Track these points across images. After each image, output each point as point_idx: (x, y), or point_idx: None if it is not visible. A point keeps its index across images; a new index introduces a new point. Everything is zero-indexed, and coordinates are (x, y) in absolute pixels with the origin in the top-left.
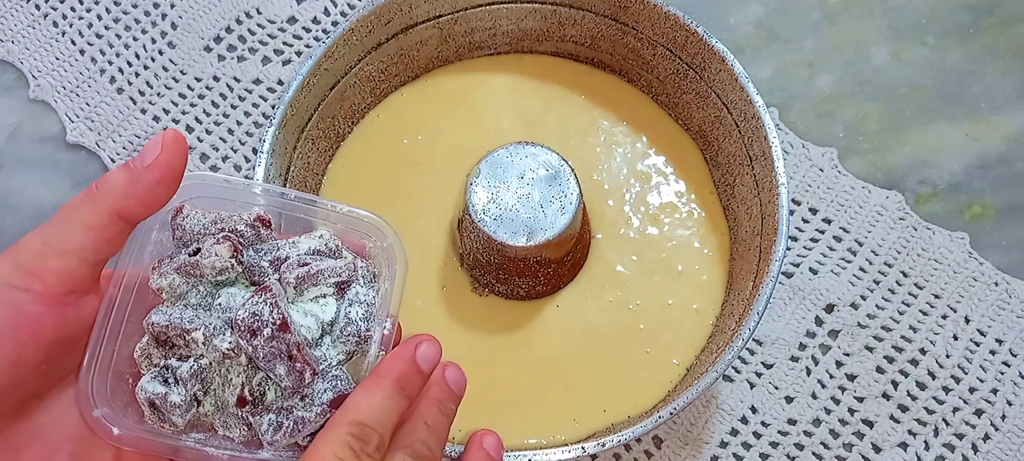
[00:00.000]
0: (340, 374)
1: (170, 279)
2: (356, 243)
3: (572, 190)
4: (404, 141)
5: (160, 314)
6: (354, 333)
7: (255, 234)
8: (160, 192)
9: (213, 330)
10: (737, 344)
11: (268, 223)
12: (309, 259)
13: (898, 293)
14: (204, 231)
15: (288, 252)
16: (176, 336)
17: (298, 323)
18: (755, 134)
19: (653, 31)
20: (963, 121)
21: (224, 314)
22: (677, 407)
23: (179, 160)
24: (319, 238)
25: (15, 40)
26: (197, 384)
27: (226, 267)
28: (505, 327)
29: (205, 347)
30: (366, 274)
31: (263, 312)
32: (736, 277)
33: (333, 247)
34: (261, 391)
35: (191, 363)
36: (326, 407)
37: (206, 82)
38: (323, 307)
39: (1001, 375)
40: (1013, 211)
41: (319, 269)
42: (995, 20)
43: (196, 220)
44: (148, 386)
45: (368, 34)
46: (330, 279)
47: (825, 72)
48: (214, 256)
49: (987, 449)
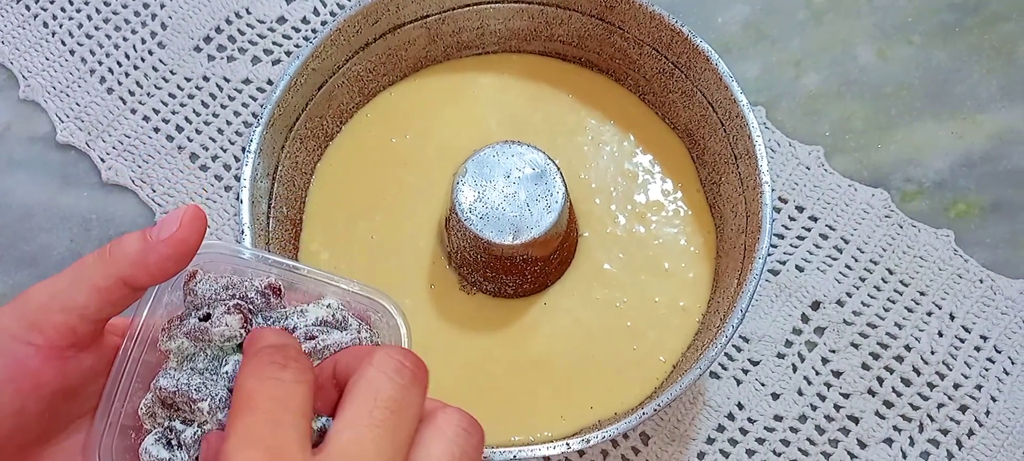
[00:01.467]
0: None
1: (179, 342)
2: (362, 312)
3: (558, 189)
4: (392, 140)
5: (168, 378)
6: None
7: (265, 302)
8: (169, 267)
9: (219, 402)
10: (721, 341)
11: (279, 292)
12: (316, 331)
13: (884, 290)
14: (215, 297)
15: (296, 322)
16: (182, 403)
17: None
18: (740, 133)
19: (639, 31)
20: (948, 119)
21: (230, 382)
22: (662, 403)
23: (195, 239)
24: (326, 308)
25: (5, 40)
26: (199, 450)
27: (235, 336)
28: (493, 325)
29: (209, 416)
30: (370, 345)
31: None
32: (722, 275)
33: (340, 318)
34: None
35: (195, 429)
36: None
37: (196, 82)
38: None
39: (986, 371)
40: (997, 209)
41: (326, 344)
42: (979, 19)
43: (209, 285)
44: (152, 448)
45: (356, 34)
46: (336, 353)
47: (811, 71)
48: (224, 325)
49: (971, 445)
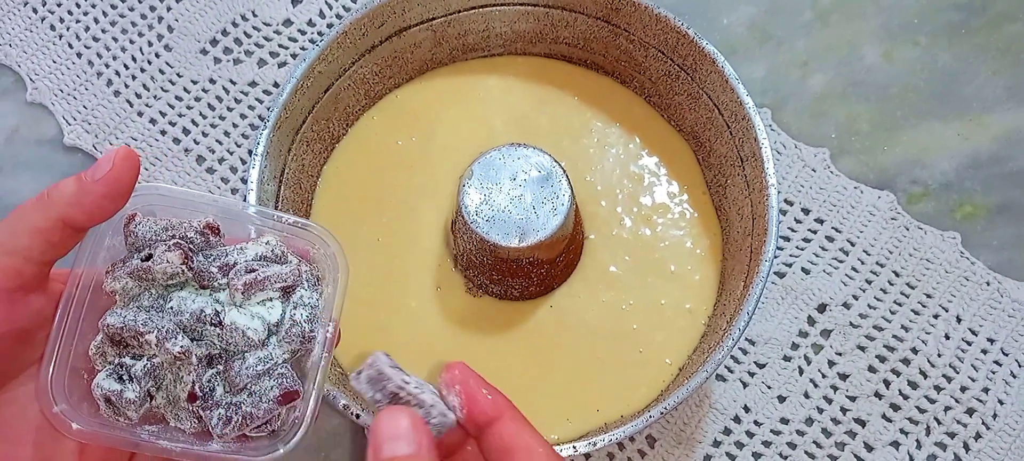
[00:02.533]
0: (286, 372)
1: (123, 283)
2: (301, 248)
3: (564, 191)
4: (398, 143)
5: (115, 316)
6: (298, 334)
7: (204, 240)
8: (106, 205)
9: (165, 333)
10: (727, 343)
11: (217, 230)
12: (256, 265)
13: (890, 293)
14: (156, 238)
15: (236, 258)
16: (130, 337)
17: (245, 325)
18: (746, 135)
19: (645, 33)
20: (954, 121)
21: (175, 317)
22: (668, 406)
23: (129, 177)
24: (266, 244)
25: (13, 44)
26: (150, 381)
27: (177, 273)
28: (499, 327)
29: (157, 349)
30: (310, 278)
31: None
32: (728, 277)
33: (279, 253)
34: (211, 387)
35: (144, 362)
36: (273, 403)
37: (202, 84)
38: (269, 310)
39: (992, 374)
40: (1004, 210)
41: (266, 275)
42: (986, 20)
43: (148, 227)
44: (104, 383)
45: (362, 37)
46: (276, 284)
47: (817, 73)
48: (165, 262)
49: (979, 448)
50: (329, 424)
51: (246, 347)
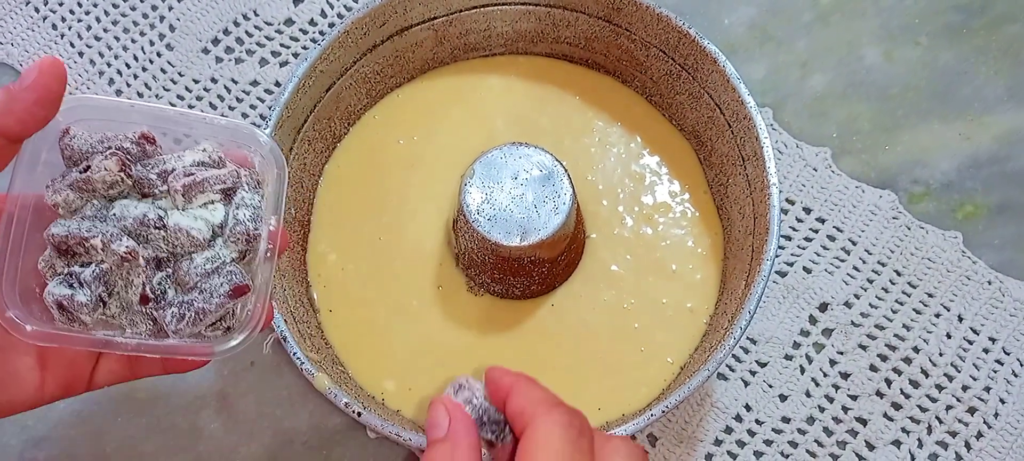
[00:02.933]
0: (234, 270)
1: (65, 195)
2: (238, 155)
3: (565, 190)
4: (400, 142)
5: (59, 226)
6: (243, 233)
7: (141, 150)
8: (38, 111)
9: (110, 236)
10: (729, 343)
11: (152, 140)
12: (194, 169)
13: (891, 292)
14: (92, 150)
15: (174, 164)
16: (76, 245)
17: (189, 226)
18: (747, 135)
19: (646, 33)
20: (955, 121)
21: (119, 222)
22: (669, 405)
23: (56, 84)
24: (202, 151)
25: (14, 43)
26: (101, 286)
27: (116, 181)
28: (500, 326)
29: (104, 253)
30: (250, 181)
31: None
32: (729, 276)
33: (216, 158)
34: (162, 289)
35: (93, 267)
36: (224, 298)
37: (204, 84)
38: (212, 212)
39: (994, 373)
40: (1005, 210)
41: (205, 177)
42: (986, 20)
43: (83, 140)
44: (55, 290)
45: (363, 36)
46: (216, 186)
47: (818, 72)
48: (103, 171)
49: (980, 447)
50: (330, 422)
51: (192, 248)
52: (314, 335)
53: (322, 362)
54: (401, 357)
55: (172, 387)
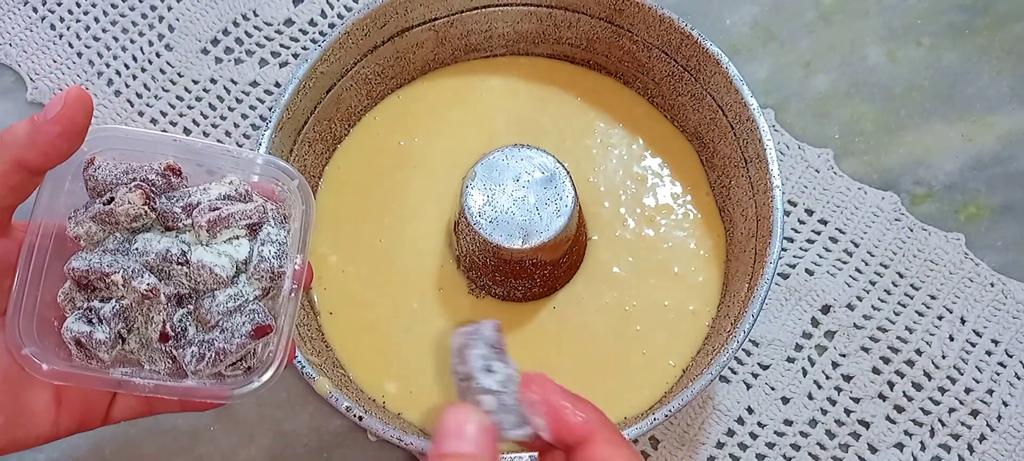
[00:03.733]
0: (257, 308)
1: (87, 227)
2: (265, 188)
3: (567, 192)
4: (400, 143)
5: (80, 260)
6: (267, 270)
7: (166, 182)
8: (61, 144)
9: (132, 273)
10: (732, 346)
11: (178, 172)
12: (220, 204)
13: (894, 294)
14: (116, 181)
15: (199, 198)
16: (96, 280)
17: (212, 262)
18: (750, 137)
19: (648, 34)
20: (958, 121)
21: (141, 258)
22: (672, 409)
23: (82, 116)
24: (229, 184)
25: (13, 43)
26: (120, 323)
27: (140, 214)
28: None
29: (125, 289)
30: (276, 215)
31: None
32: (732, 279)
33: (242, 192)
34: (182, 327)
35: (113, 303)
36: (245, 338)
37: (203, 84)
38: (237, 248)
39: (997, 376)
40: (1008, 211)
41: (230, 212)
42: (989, 20)
43: (108, 170)
44: (73, 326)
45: (364, 37)
46: (242, 221)
47: (820, 73)
48: (127, 204)
49: (983, 450)
50: (331, 425)
51: (215, 285)
52: (315, 338)
53: (323, 365)
54: (402, 360)
55: None
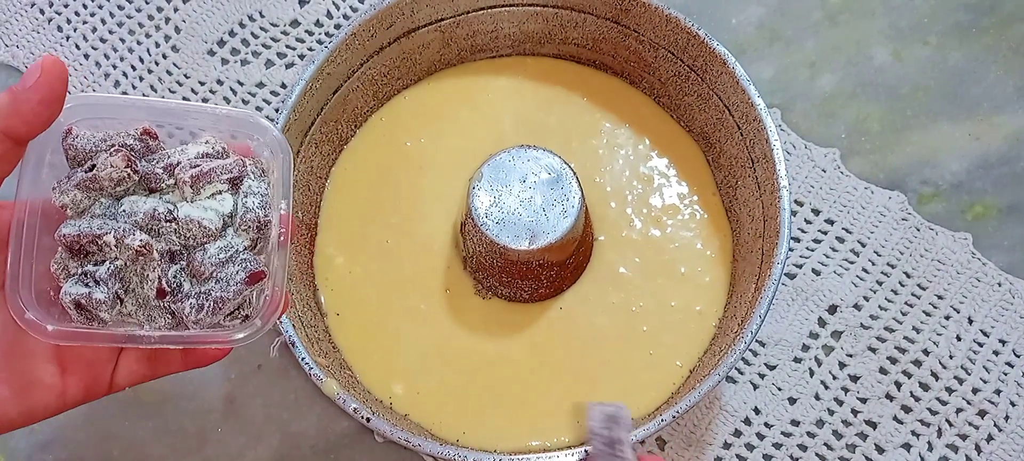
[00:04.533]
0: (248, 257)
1: (72, 195)
2: (241, 146)
3: (574, 193)
4: (407, 144)
5: (70, 226)
6: (254, 220)
7: (144, 146)
8: (42, 111)
9: (123, 232)
10: (739, 346)
11: (154, 135)
12: (200, 161)
13: (901, 294)
14: (95, 148)
15: (179, 158)
16: (88, 243)
17: (200, 216)
18: (757, 137)
19: (654, 34)
20: (965, 121)
21: (130, 218)
22: (680, 410)
23: (59, 84)
24: (206, 143)
25: (20, 44)
26: (117, 282)
27: (123, 177)
28: (508, 330)
29: (118, 249)
30: (255, 170)
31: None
32: (739, 279)
33: (219, 150)
34: (178, 282)
35: (108, 265)
36: (241, 285)
37: (210, 85)
38: (221, 202)
39: (1004, 376)
40: (1015, 211)
41: (211, 167)
42: (996, 19)
43: (86, 139)
44: (72, 290)
45: (370, 38)
46: (223, 176)
47: (827, 72)
48: (110, 168)
49: (990, 450)
50: (338, 426)
51: (205, 239)
52: (322, 339)
53: (330, 366)
54: (409, 360)
55: (180, 390)
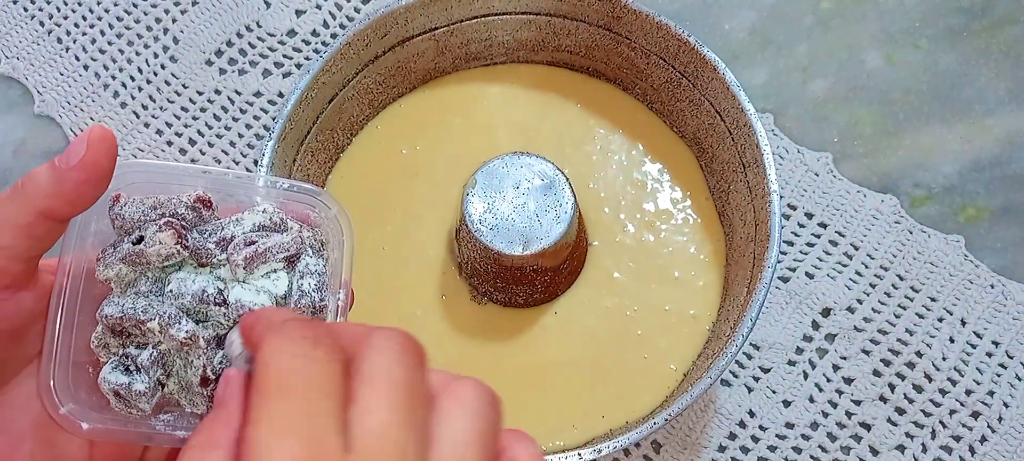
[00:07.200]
0: None
1: (117, 269)
2: (300, 212)
3: (567, 199)
4: (402, 152)
5: (112, 305)
6: (309, 305)
7: (197, 215)
8: (87, 191)
9: (168, 319)
10: (731, 349)
11: (209, 203)
12: (255, 236)
13: (894, 296)
14: (144, 218)
15: (233, 231)
16: (131, 327)
17: (251, 301)
18: (748, 142)
19: (646, 41)
20: (956, 124)
21: (177, 300)
22: (672, 412)
23: (106, 160)
24: (263, 212)
25: (20, 56)
26: (159, 369)
27: (172, 253)
28: (503, 335)
29: (162, 336)
30: (314, 244)
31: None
32: (731, 283)
33: (278, 221)
34: (223, 369)
35: (150, 350)
36: None
37: (208, 95)
38: (275, 282)
39: (997, 377)
40: (1007, 213)
41: (267, 247)
42: (987, 23)
43: (135, 207)
44: (110, 377)
45: (365, 47)
46: (279, 254)
47: (819, 77)
48: (158, 244)
49: (984, 451)
50: None
51: None
52: None
53: None
54: None
55: None
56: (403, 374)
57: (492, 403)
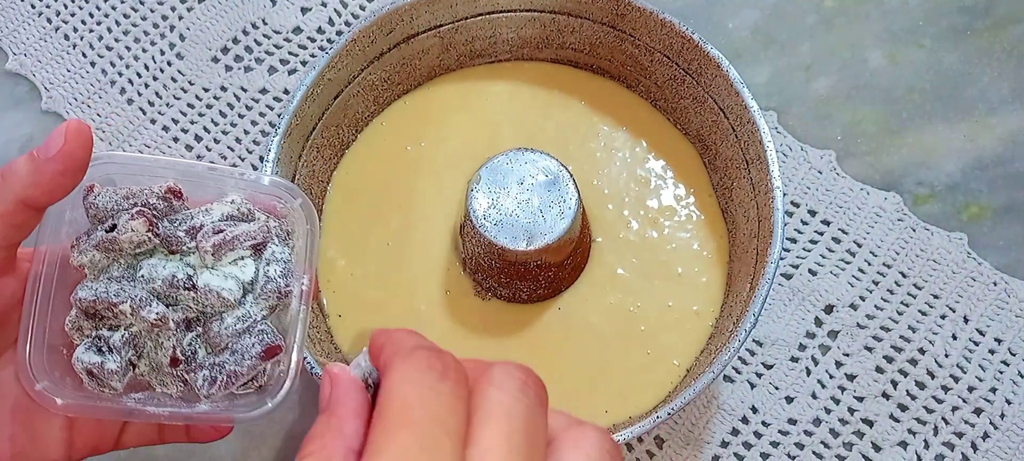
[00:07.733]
0: (266, 328)
1: (90, 256)
2: (267, 203)
3: (571, 195)
4: (407, 148)
5: (86, 289)
6: (274, 290)
7: (168, 205)
8: (64, 181)
9: (139, 301)
10: (734, 345)
11: (179, 194)
12: (224, 225)
13: (897, 293)
14: (117, 207)
15: (202, 220)
16: (104, 309)
17: (219, 286)
18: (751, 138)
19: (650, 38)
20: (960, 122)
21: (148, 285)
22: (676, 407)
23: (82, 151)
24: (231, 203)
25: (27, 53)
26: (130, 350)
27: (143, 240)
28: (507, 330)
29: (133, 318)
30: (280, 233)
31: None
32: (734, 279)
33: (245, 211)
34: (193, 350)
35: (122, 332)
36: (256, 359)
37: (214, 92)
38: (242, 269)
39: (1000, 374)
40: (1010, 211)
41: (235, 234)
42: (990, 22)
43: (108, 197)
44: (84, 357)
45: (371, 44)
46: (246, 243)
47: (822, 75)
48: (130, 231)
49: (986, 447)
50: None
51: (222, 308)
52: (324, 340)
53: None
54: None
55: None
56: (522, 413)
57: (613, 454)
